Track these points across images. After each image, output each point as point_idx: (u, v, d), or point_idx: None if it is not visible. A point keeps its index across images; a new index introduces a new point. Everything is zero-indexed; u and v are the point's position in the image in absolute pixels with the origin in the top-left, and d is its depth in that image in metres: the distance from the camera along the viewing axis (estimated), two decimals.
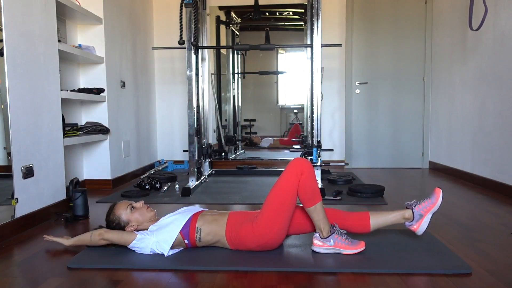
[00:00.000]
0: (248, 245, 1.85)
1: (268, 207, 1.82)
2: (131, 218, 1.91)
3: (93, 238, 1.88)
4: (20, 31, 2.31)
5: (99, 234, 1.87)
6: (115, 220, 1.92)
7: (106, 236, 1.86)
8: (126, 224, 1.91)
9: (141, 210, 1.93)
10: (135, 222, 1.91)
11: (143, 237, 1.84)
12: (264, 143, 5.26)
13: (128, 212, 1.92)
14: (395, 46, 4.74)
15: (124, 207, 1.93)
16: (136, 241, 1.83)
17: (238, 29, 5.16)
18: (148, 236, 1.84)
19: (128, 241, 1.84)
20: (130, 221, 1.91)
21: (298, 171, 1.81)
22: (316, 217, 1.84)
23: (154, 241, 1.83)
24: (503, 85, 3.18)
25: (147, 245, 1.84)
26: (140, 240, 1.84)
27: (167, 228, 1.85)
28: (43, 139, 2.52)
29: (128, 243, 1.85)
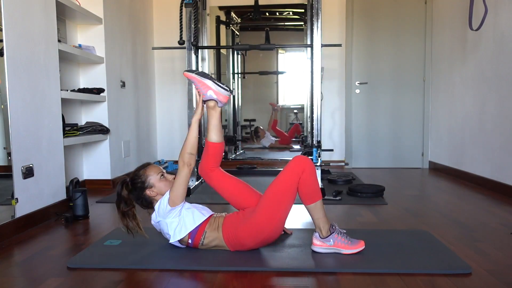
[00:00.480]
0: (247, 244, 1.85)
1: (266, 203, 1.82)
2: (157, 184, 1.88)
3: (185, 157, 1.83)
4: (20, 31, 2.31)
5: (188, 164, 1.81)
6: (142, 177, 1.88)
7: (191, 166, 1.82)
8: (149, 187, 1.87)
9: (169, 182, 1.90)
10: (158, 190, 1.87)
11: (178, 213, 1.82)
12: (265, 143, 5.26)
13: (158, 178, 1.89)
14: (395, 46, 4.74)
15: (156, 172, 1.91)
16: (179, 206, 1.81)
17: (238, 29, 5.16)
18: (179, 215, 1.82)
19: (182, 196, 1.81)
20: (155, 187, 1.87)
21: (299, 169, 1.81)
22: (316, 216, 1.85)
23: (177, 222, 1.82)
24: (503, 85, 3.18)
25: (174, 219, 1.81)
26: (179, 212, 1.82)
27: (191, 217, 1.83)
28: (43, 139, 2.52)
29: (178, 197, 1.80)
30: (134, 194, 1.89)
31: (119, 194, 1.88)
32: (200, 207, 1.94)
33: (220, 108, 1.97)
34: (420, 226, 2.34)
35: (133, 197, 1.89)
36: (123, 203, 1.87)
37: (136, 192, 1.88)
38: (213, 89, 1.90)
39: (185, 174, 1.81)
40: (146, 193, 1.87)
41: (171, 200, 1.81)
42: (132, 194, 1.89)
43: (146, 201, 1.89)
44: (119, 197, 1.87)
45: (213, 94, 1.90)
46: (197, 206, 1.92)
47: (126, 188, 1.89)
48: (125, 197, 1.88)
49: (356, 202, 2.97)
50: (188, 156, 1.83)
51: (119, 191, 1.88)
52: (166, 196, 1.83)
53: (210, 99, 1.93)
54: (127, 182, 1.90)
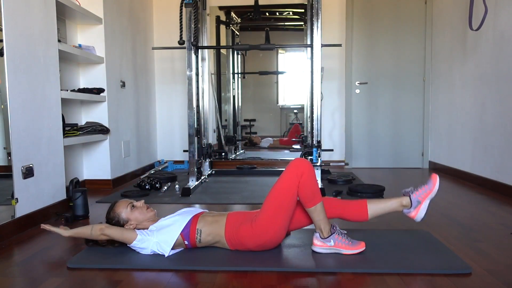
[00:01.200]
0: (247, 245, 1.85)
1: (267, 207, 1.82)
2: (130, 217, 1.91)
3: (94, 232, 1.87)
4: (20, 31, 2.31)
5: (100, 229, 1.86)
6: (114, 217, 1.91)
7: (107, 232, 1.85)
8: (126, 222, 1.90)
9: (141, 209, 1.93)
10: (135, 220, 1.90)
11: (144, 237, 1.84)
12: (264, 143, 5.26)
13: (128, 211, 1.91)
14: (395, 46, 4.74)
15: (125, 206, 1.93)
16: (137, 241, 1.83)
17: (238, 29, 5.16)
18: (148, 236, 1.84)
19: (129, 239, 1.84)
20: (130, 220, 1.90)
21: (298, 172, 1.81)
22: (317, 217, 1.84)
23: (155, 242, 1.83)
24: (503, 85, 3.18)
25: (147, 245, 1.83)
26: (141, 240, 1.83)
27: (168, 229, 1.85)
28: (43, 139, 2.52)
29: (129, 242, 1.85)
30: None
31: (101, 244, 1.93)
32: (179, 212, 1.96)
33: None
34: (420, 226, 2.34)
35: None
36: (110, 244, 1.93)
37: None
38: None
39: (110, 235, 1.86)
40: (125, 228, 1.90)
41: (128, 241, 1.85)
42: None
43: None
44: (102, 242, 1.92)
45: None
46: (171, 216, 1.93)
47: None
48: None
49: None
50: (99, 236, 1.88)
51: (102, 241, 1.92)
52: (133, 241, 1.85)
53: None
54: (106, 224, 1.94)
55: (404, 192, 1.94)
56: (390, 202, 1.93)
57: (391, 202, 1.93)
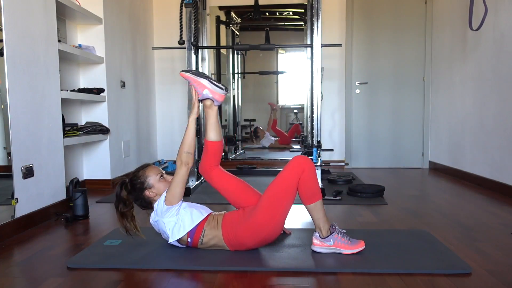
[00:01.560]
0: (246, 244, 1.85)
1: (266, 203, 1.82)
2: (156, 185, 1.88)
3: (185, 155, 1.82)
4: (20, 31, 2.31)
5: (186, 163, 1.81)
6: (141, 177, 1.89)
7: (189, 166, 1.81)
8: (149, 188, 1.88)
9: (166, 183, 1.90)
10: (157, 190, 1.88)
11: (177, 213, 1.82)
12: (265, 143, 5.26)
13: (157, 179, 1.90)
14: (395, 46, 4.74)
15: (156, 172, 1.92)
16: (177, 205, 1.81)
17: (238, 29, 5.16)
18: (178, 213, 1.83)
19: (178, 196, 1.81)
20: (154, 187, 1.88)
21: (299, 169, 1.81)
22: (316, 216, 1.85)
23: (175, 221, 1.82)
24: (503, 85, 3.18)
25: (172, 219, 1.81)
26: (176, 211, 1.82)
27: (193, 215, 1.84)
28: (43, 139, 2.52)
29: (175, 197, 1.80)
30: (133, 194, 1.89)
31: (118, 195, 1.88)
32: (199, 206, 1.94)
33: (217, 107, 1.97)
34: (420, 226, 2.34)
35: (132, 198, 1.89)
36: (122, 204, 1.87)
37: (136, 192, 1.89)
38: (209, 88, 1.90)
39: (183, 173, 1.81)
40: (145, 193, 1.88)
41: (168, 199, 1.81)
42: (131, 195, 1.89)
43: (145, 202, 1.90)
44: (118, 198, 1.87)
45: (209, 93, 1.91)
46: (195, 205, 1.92)
47: (125, 189, 1.89)
48: (124, 198, 1.88)
49: (356, 202, 2.97)
50: (185, 155, 1.82)
51: (118, 192, 1.88)
52: (163, 195, 1.83)
53: (206, 98, 1.93)
54: (126, 182, 1.90)
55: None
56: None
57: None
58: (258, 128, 5.26)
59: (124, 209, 1.86)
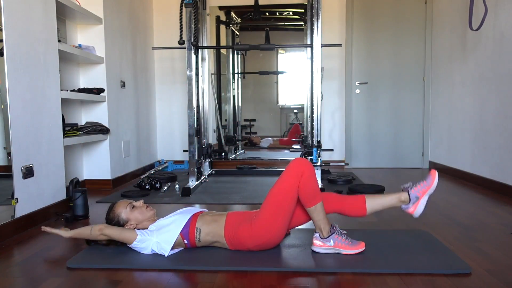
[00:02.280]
0: (246, 245, 1.85)
1: (267, 207, 1.82)
2: (130, 217, 1.91)
3: (93, 233, 1.87)
4: (20, 31, 2.31)
5: (99, 229, 1.86)
6: (114, 218, 1.92)
7: (106, 232, 1.85)
8: (125, 222, 1.90)
9: (140, 209, 1.93)
10: (135, 220, 1.91)
11: (144, 237, 1.84)
12: (264, 143, 5.26)
13: (128, 211, 1.92)
14: (395, 46, 4.74)
15: (124, 206, 1.93)
16: (137, 241, 1.83)
17: (238, 29, 5.16)
18: (148, 236, 1.84)
19: (129, 239, 1.84)
20: (130, 220, 1.90)
21: (298, 172, 1.81)
22: (316, 217, 1.84)
23: (155, 242, 1.83)
24: (503, 85, 3.18)
25: (148, 245, 1.84)
26: (141, 241, 1.83)
27: (168, 228, 1.85)
28: (43, 139, 2.52)
29: (129, 242, 1.85)
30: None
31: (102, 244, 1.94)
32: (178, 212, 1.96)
33: None
34: (420, 226, 2.34)
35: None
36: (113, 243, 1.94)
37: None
38: None
39: (109, 235, 1.87)
40: (126, 228, 1.90)
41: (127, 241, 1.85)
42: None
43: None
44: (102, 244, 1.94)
45: None
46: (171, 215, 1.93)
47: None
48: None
49: None
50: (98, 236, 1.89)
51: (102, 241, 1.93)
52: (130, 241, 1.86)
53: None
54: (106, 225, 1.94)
55: (403, 187, 1.94)
56: (389, 197, 1.93)
57: (390, 197, 1.93)
58: (251, 137, 5.25)
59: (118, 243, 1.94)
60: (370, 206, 1.91)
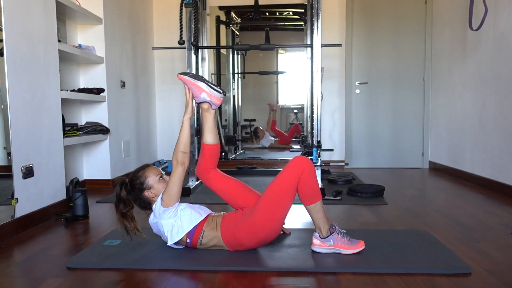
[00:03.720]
0: (245, 243, 1.85)
1: (266, 203, 1.82)
2: (155, 186, 1.88)
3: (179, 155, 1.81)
4: (20, 31, 2.31)
5: (182, 162, 1.81)
6: (141, 178, 1.89)
7: (185, 165, 1.81)
8: (148, 188, 1.88)
9: (165, 183, 1.90)
10: (156, 191, 1.88)
11: (175, 213, 1.82)
12: (265, 142, 5.26)
13: (157, 180, 1.90)
14: (395, 46, 4.74)
15: (155, 173, 1.91)
16: (173, 207, 1.81)
17: (238, 29, 5.16)
18: (178, 214, 1.82)
19: (176, 197, 1.81)
20: (153, 188, 1.88)
21: (299, 170, 1.81)
22: (316, 216, 1.85)
23: (172, 223, 1.82)
24: (503, 85, 3.18)
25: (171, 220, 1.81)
26: (175, 211, 1.82)
27: (186, 218, 1.84)
28: (43, 139, 2.52)
29: (174, 199, 1.81)
30: (133, 195, 1.89)
31: (118, 195, 1.88)
32: (197, 206, 1.94)
33: (214, 110, 1.98)
34: (420, 226, 2.34)
35: (132, 198, 1.89)
36: (121, 204, 1.87)
37: (135, 193, 1.89)
38: (207, 91, 1.90)
39: (179, 173, 1.81)
40: (144, 194, 1.88)
41: (165, 200, 1.81)
42: (131, 195, 1.89)
43: (144, 202, 1.90)
44: (118, 198, 1.88)
45: (206, 97, 1.91)
46: (194, 206, 1.92)
47: (125, 189, 1.89)
48: (124, 198, 1.88)
49: (356, 202, 2.97)
50: (181, 155, 1.82)
51: (118, 192, 1.88)
52: (160, 196, 1.83)
53: (203, 101, 1.93)
54: (126, 183, 1.90)
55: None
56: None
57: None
58: (258, 128, 5.26)
59: (124, 209, 1.86)
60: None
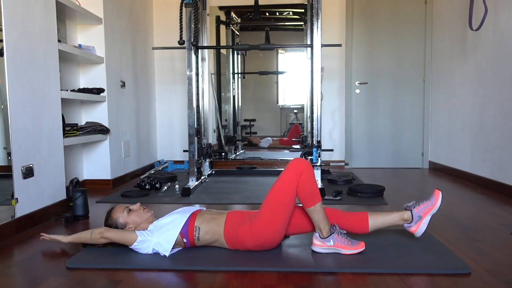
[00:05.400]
0: (246, 245, 1.85)
1: (266, 207, 1.82)
2: (128, 221, 1.91)
3: (94, 236, 1.87)
4: (20, 31, 2.31)
5: (99, 233, 1.86)
6: (112, 224, 1.93)
7: (107, 235, 1.85)
8: (124, 226, 1.92)
9: (137, 211, 1.94)
10: (133, 224, 1.91)
11: (144, 238, 1.84)
12: (264, 143, 5.26)
13: (125, 215, 1.92)
14: (395, 46, 4.74)
15: (121, 210, 1.94)
16: (137, 242, 1.83)
17: (238, 29, 5.16)
18: (148, 236, 1.84)
19: (129, 241, 1.84)
20: (128, 223, 1.91)
21: (297, 172, 1.81)
22: (316, 217, 1.85)
23: (155, 242, 1.83)
24: (503, 85, 3.18)
25: (148, 245, 1.84)
26: (141, 241, 1.83)
27: (167, 227, 1.85)
28: (43, 139, 2.52)
29: (129, 244, 1.85)
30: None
31: None
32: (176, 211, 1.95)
33: None
34: None
35: None
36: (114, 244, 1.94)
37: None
38: None
39: (110, 238, 1.86)
40: (126, 230, 1.91)
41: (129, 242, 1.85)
42: None
43: None
44: None
45: None
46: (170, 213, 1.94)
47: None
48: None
49: (356, 202, 2.97)
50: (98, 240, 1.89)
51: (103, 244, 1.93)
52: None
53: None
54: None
55: (406, 206, 1.94)
56: (391, 215, 1.93)
57: (392, 215, 1.93)
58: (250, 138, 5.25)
59: None
60: (372, 224, 1.92)
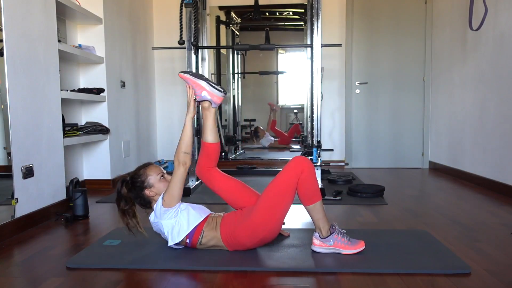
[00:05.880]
0: (244, 243, 1.85)
1: (264, 203, 1.82)
2: (156, 185, 1.87)
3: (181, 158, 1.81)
4: (20, 31, 2.31)
5: (184, 163, 1.80)
6: (142, 176, 1.88)
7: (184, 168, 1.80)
8: (149, 187, 1.87)
9: (166, 183, 1.89)
10: (157, 190, 1.87)
11: (178, 210, 1.81)
12: (264, 143, 5.26)
13: (158, 179, 1.89)
14: (395, 46, 4.74)
15: (157, 172, 1.90)
16: (174, 208, 1.80)
17: (238, 29, 5.16)
18: (179, 214, 1.82)
19: (177, 197, 1.80)
20: (154, 187, 1.87)
21: (298, 170, 1.81)
22: (316, 216, 1.85)
23: (177, 223, 1.81)
24: (503, 85, 3.18)
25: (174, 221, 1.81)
26: (176, 211, 1.81)
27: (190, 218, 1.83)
28: (43, 139, 2.52)
29: (175, 197, 1.79)
30: (133, 192, 1.89)
31: (119, 192, 1.88)
32: (197, 207, 1.94)
33: (215, 109, 1.98)
34: (420, 226, 2.34)
35: (132, 196, 1.89)
36: (123, 201, 1.87)
37: (135, 191, 1.88)
38: (208, 90, 1.91)
39: (180, 173, 1.80)
40: (145, 192, 1.87)
41: (166, 200, 1.80)
42: (131, 193, 1.89)
43: (144, 201, 1.89)
44: (119, 195, 1.88)
45: (207, 95, 1.91)
46: (194, 207, 1.92)
47: (125, 186, 1.89)
48: (125, 195, 1.88)
49: (356, 202, 2.97)
50: (183, 155, 1.82)
51: (119, 189, 1.88)
52: (161, 196, 1.83)
53: (204, 99, 1.93)
54: (127, 180, 1.90)
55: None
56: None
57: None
58: (258, 127, 5.26)
59: (125, 206, 1.86)
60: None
